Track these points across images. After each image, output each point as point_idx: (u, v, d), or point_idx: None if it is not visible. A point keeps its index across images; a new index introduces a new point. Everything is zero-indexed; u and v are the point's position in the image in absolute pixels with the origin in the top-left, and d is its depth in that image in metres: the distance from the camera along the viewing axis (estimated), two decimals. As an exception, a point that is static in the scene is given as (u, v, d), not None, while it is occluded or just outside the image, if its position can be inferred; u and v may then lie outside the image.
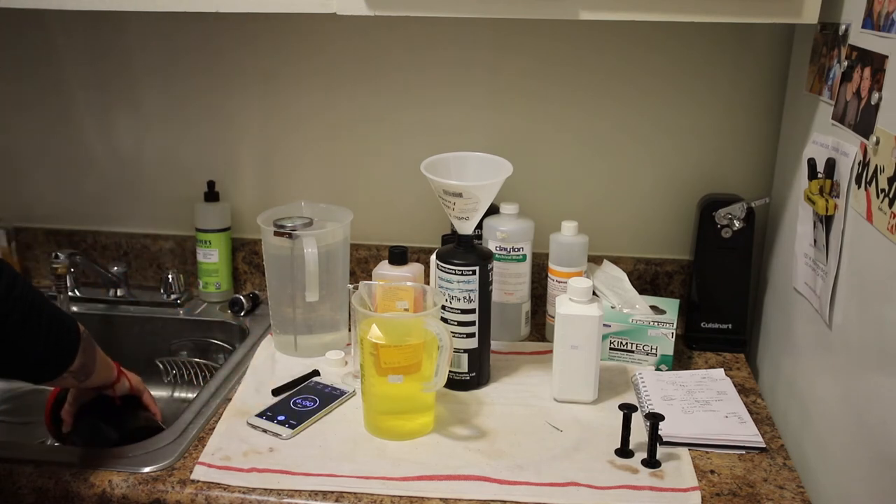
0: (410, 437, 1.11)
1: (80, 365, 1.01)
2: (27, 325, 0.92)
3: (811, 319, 1.11)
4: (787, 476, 1.05)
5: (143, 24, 1.49)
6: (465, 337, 1.22)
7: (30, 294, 0.93)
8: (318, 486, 1.01)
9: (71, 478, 1.02)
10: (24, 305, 0.92)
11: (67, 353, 0.99)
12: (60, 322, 0.97)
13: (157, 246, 1.61)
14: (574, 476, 1.03)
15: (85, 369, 1.03)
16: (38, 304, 0.94)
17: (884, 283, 0.89)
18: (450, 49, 1.43)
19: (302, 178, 1.54)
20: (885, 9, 0.93)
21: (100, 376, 1.07)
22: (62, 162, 1.60)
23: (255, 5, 1.17)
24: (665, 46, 1.39)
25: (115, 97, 1.55)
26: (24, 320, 0.92)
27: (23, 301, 0.92)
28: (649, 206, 1.48)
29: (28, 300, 0.92)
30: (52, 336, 0.96)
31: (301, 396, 1.20)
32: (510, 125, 1.46)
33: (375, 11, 1.14)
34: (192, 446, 1.09)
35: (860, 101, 0.98)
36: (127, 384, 1.15)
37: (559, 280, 1.36)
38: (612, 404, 1.19)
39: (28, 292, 0.93)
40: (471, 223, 1.20)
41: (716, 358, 1.36)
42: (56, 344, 0.97)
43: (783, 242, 1.29)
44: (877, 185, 0.91)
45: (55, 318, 0.96)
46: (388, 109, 1.48)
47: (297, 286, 1.29)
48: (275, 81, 1.49)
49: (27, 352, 0.94)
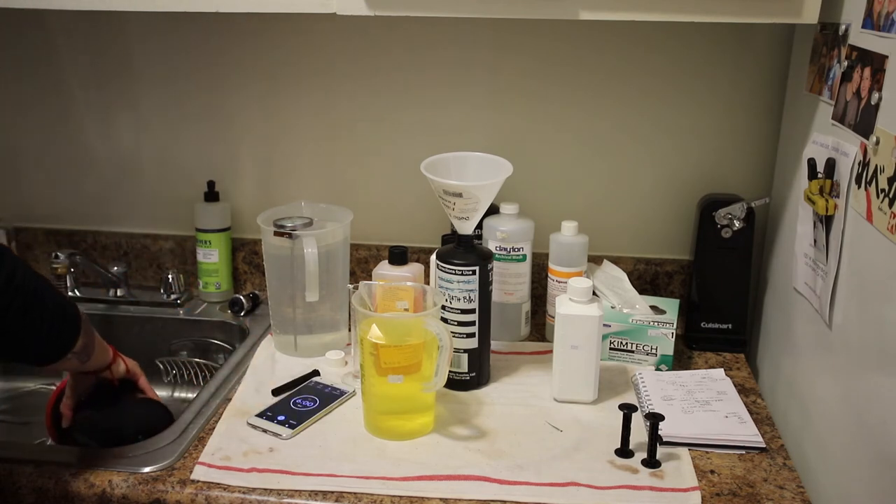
0: (410, 437, 1.11)
1: (83, 346, 1.03)
2: (30, 313, 0.94)
3: (811, 319, 1.11)
4: (787, 476, 1.05)
5: (143, 25, 1.50)
6: (465, 337, 1.22)
7: (31, 281, 0.95)
8: (318, 486, 1.01)
9: (71, 478, 1.02)
10: (26, 294, 0.93)
11: (70, 336, 1.01)
12: (62, 306, 0.99)
13: (157, 246, 1.61)
14: (574, 476, 1.03)
15: (86, 350, 1.05)
16: (39, 291, 0.95)
17: (884, 283, 0.89)
18: (450, 49, 1.43)
19: (302, 178, 1.54)
20: (885, 9, 0.93)
21: (98, 358, 1.09)
22: (62, 162, 1.60)
23: (254, 5, 1.17)
24: (665, 46, 1.39)
25: (115, 97, 1.55)
26: (26, 309, 0.93)
27: (24, 290, 0.93)
28: (649, 206, 1.48)
29: (30, 288, 0.94)
30: (55, 321, 0.98)
31: (301, 396, 1.20)
32: (510, 125, 1.46)
33: (375, 11, 1.14)
34: (192, 446, 1.09)
35: (860, 101, 0.98)
36: (123, 366, 1.16)
37: (559, 280, 1.36)
38: (612, 404, 1.19)
39: (29, 280, 0.94)
40: (471, 223, 1.20)
41: (716, 358, 1.36)
42: (59, 328, 0.99)
43: (783, 242, 1.29)
44: (877, 185, 0.91)
45: (56, 303, 0.98)
46: (388, 109, 1.48)
47: (297, 286, 1.29)
48: (275, 81, 1.49)
49: (31, 338, 0.96)
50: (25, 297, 0.93)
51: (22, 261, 0.96)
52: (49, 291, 0.97)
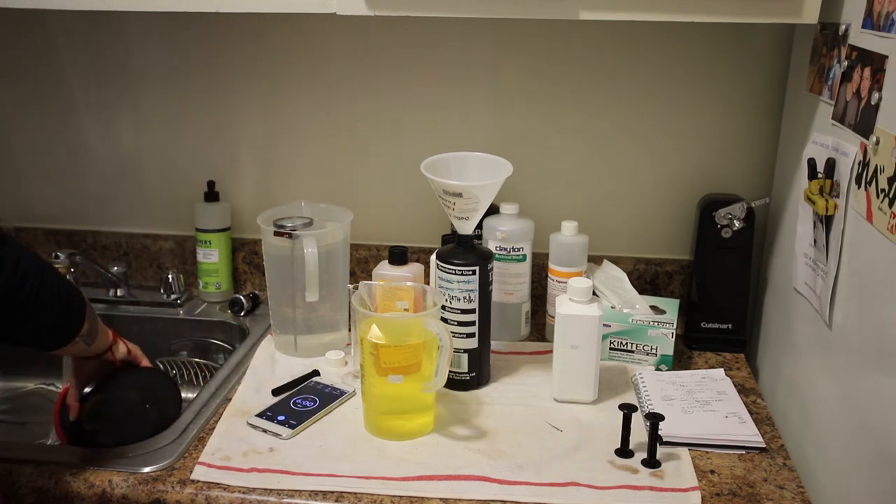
0: (410, 437, 1.11)
1: (89, 329, 1.04)
2: (39, 294, 0.94)
3: (811, 319, 1.11)
4: (787, 476, 1.05)
5: (143, 25, 1.49)
6: (465, 337, 1.22)
7: (37, 265, 0.95)
8: (318, 486, 1.01)
9: (71, 478, 1.02)
10: (34, 277, 0.94)
11: (77, 318, 1.01)
12: (67, 290, 1.00)
13: (157, 246, 1.61)
14: (574, 476, 1.03)
15: (92, 333, 1.05)
16: (47, 274, 0.96)
17: (884, 283, 0.89)
18: (450, 49, 1.43)
19: (302, 178, 1.54)
20: (885, 9, 0.93)
21: (101, 341, 1.10)
22: (62, 162, 1.60)
23: (254, 5, 1.17)
24: (665, 46, 1.39)
25: (115, 97, 1.55)
26: (36, 291, 0.94)
27: (32, 273, 0.94)
28: (649, 206, 1.48)
29: (38, 272, 0.95)
30: (63, 303, 0.98)
31: (301, 396, 1.20)
32: (510, 125, 1.46)
33: (375, 11, 1.14)
34: (192, 446, 1.09)
35: (860, 101, 0.98)
36: (124, 347, 1.16)
37: (559, 280, 1.36)
38: (612, 404, 1.19)
39: (35, 263, 0.95)
40: (471, 223, 1.20)
41: (716, 358, 1.36)
42: (67, 310, 0.99)
43: (783, 242, 1.29)
44: (877, 185, 0.91)
45: (62, 285, 0.99)
46: (388, 109, 1.48)
47: (297, 286, 1.29)
48: (275, 81, 1.49)
49: (41, 321, 0.96)
50: (34, 281, 0.94)
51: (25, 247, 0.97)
52: (56, 276, 0.98)
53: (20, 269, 0.92)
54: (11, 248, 0.93)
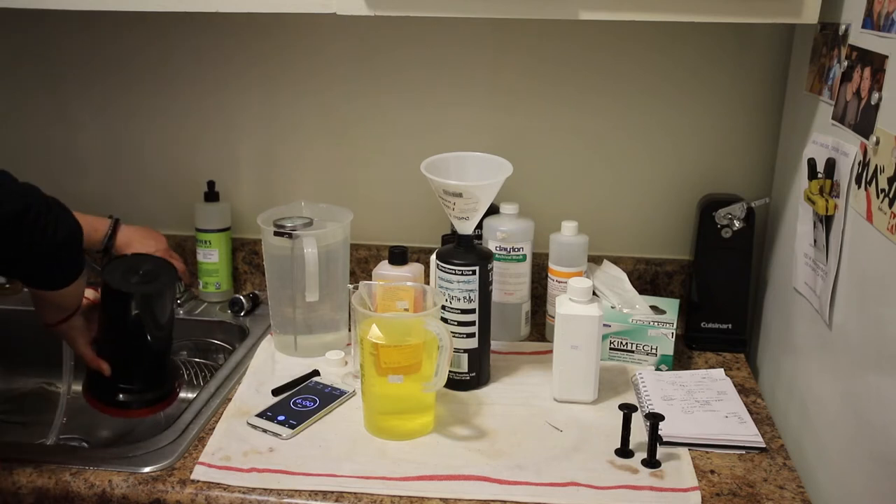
0: (410, 437, 1.11)
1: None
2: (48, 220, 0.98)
3: (811, 319, 1.11)
4: (787, 476, 1.05)
5: (143, 24, 1.49)
6: (465, 337, 1.22)
7: (41, 195, 1.00)
8: (318, 486, 1.01)
9: (71, 478, 1.02)
10: (40, 204, 0.99)
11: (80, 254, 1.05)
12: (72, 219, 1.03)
13: (157, 246, 1.61)
14: (574, 476, 1.03)
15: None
16: (52, 205, 1.01)
17: (884, 283, 0.89)
18: (450, 49, 1.43)
19: (302, 178, 1.54)
20: (885, 9, 0.93)
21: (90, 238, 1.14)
22: (61, 162, 1.60)
23: (254, 5, 1.17)
24: (665, 46, 1.39)
25: (115, 97, 1.55)
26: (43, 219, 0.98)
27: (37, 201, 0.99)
28: (649, 206, 1.48)
29: (43, 201, 0.99)
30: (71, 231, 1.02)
31: (301, 396, 1.20)
32: (510, 125, 1.46)
33: (375, 11, 1.14)
34: (192, 446, 1.09)
35: (860, 101, 0.98)
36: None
37: (559, 280, 1.36)
38: (612, 404, 1.19)
39: (39, 194, 1.00)
40: (471, 223, 1.20)
41: (716, 358, 1.36)
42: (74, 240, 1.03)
43: (783, 242, 1.29)
44: (877, 185, 0.91)
45: (68, 215, 1.03)
46: (388, 109, 1.48)
47: (297, 286, 1.29)
48: (275, 81, 1.49)
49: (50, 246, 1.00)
50: (40, 207, 0.98)
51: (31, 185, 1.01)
52: (59, 207, 1.02)
53: (26, 196, 0.97)
54: (11, 177, 0.98)
